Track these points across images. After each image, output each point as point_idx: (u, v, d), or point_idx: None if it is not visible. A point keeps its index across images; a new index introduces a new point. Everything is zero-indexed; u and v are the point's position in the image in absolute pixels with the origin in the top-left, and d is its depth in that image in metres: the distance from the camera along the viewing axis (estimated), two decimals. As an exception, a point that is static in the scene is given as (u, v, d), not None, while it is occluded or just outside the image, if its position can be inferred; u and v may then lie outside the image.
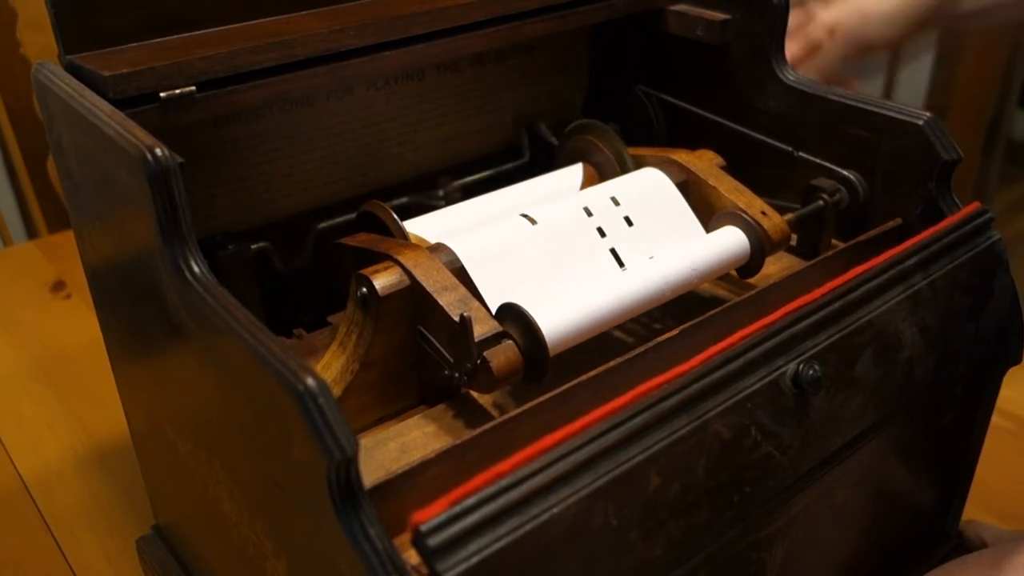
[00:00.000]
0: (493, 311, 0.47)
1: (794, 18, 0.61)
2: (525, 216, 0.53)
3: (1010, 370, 0.57)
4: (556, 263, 0.52)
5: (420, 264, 0.47)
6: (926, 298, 0.50)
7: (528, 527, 0.35)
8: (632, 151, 0.61)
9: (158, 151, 0.38)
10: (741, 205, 0.55)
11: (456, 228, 0.54)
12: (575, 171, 0.62)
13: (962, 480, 0.62)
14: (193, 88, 0.46)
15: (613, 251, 0.53)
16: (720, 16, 0.62)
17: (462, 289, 0.47)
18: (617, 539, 0.38)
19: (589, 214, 0.54)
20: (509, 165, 0.67)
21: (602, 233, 0.54)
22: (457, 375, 0.45)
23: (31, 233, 1.41)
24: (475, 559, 0.33)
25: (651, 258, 0.53)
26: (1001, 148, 2.02)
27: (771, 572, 0.48)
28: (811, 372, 0.44)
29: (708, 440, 0.40)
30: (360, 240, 0.52)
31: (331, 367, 0.47)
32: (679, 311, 0.54)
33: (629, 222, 0.55)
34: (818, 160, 0.60)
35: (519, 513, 0.35)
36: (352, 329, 0.47)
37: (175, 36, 0.50)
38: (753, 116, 0.63)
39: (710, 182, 0.57)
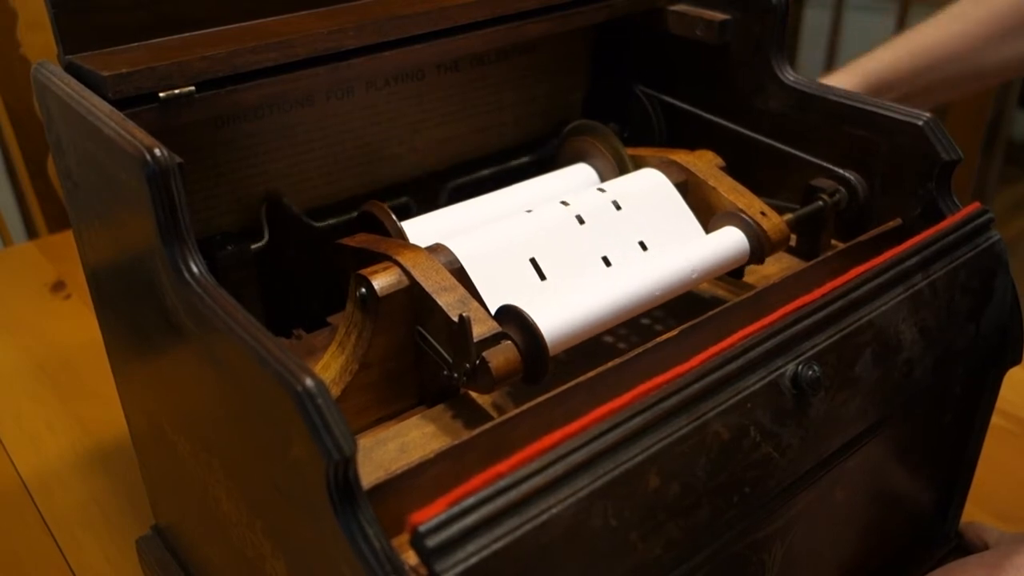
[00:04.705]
0: (492, 311, 0.47)
1: None
2: (524, 217, 0.53)
3: (1010, 370, 0.57)
4: (555, 264, 0.52)
5: (419, 264, 0.47)
6: (926, 298, 0.50)
7: (527, 528, 0.35)
8: (632, 151, 0.61)
9: (157, 151, 0.38)
10: (740, 205, 0.55)
11: (455, 228, 0.54)
12: (575, 171, 0.62)
13: (962, 481, 0.62)
14: (192, 88, 0.46)
15: (612, 250, 0.53)
16: (720, 16, 0.62)
17: (461, 289, 0.47)
18: (616, 540, 0.38)
19: (589, 214, 0.54)
20: (509, 165, 0.67)
21: (601, 233, 0.54)
22: (456, 375, 0.45)
23: (31, 233, 1.41)
24: (474, 559, 0.33)
25: (651, 258, 0.53)
26: (1001, 148, 2.02)
27: (771, 572, 0.48)
28: (810, 373, 0.44)
29: (708, 440, 0.40)
30: (359, 240, 0.52)
31: (330, 367, 0.47)
32: (679, 311, 0.54)
33: (628, 222, 0.55)
34: (818, 160, 0.60)
35: (518, 514, 0.35)
36: (351, 329, 0.47)
37: (175, 36, 0.50)
38: (753, 116, 0.63)
39: (710, 183, 0.57)
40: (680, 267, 0.51)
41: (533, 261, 0.51)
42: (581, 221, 0.54)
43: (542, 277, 0.51)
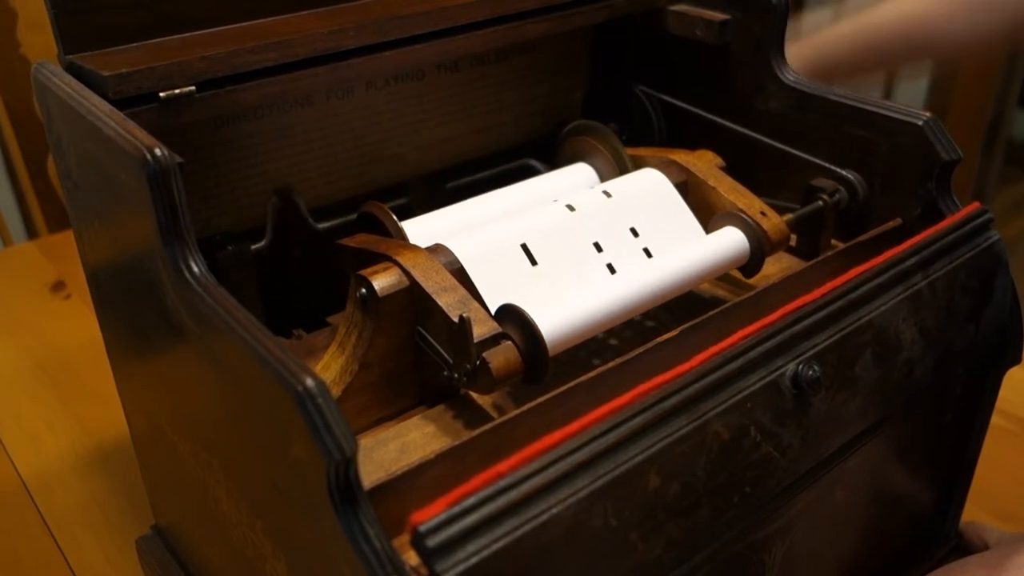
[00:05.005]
0: (493, 312, 0.47)
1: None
2: (525, 217, 0.53)
3: (1010, 370, 0.57)
4: (556, 264, 0.52)
5: (419, 265, 0.47)
6: (926, 298, 0.50)
7: (527, 528, 0.35)
8: (631, 151, 0.61)
9: (158, 151, 0.38)
10: (740, 205, 0.55)
11: (455, 229, 0.54)
12: (575, 171, 0.62)
13: (962, 481, 0.62)
14: (193, 88, 0.46)
15: (612, 251, 0.53)
16: (720, 16, 0.62)
17: (461, 290, 0.47)
18: (616, 540, 0.38)
19: (589, 215, 0.54)
20: (509, 165, 0.67)
21: (601, 233, 0.54)
22: (456, 376, 0.45)
23: (31, 233, 1.41)
24: (474, 559, 0.33)
25: (650, 258, 0.53)
26: (1001, 148, 2.02)
27: (771, 573, 0.48)
28: (810, 372, 0.44)
29: (708, 440, 0.40)
30: (359, 241, 0.52)
31: (330, 368, 0.47)
32: (679, 311, 0.54)
33: (628, 222, 0.55)
34: (818, 160, 0.60)
35: (518, 514, 0.35)
36: (351, 330, 0.47)
37: (175, 36, 0.50)
38: (753, 116, 0.63)
39: (709, 182, 0.57)
40: (680, 267, 0.51)
41: (533, 262, 0.51)
42: (581, 222, 0.54)
43: (542, 278, 0.51)
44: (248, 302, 0.52)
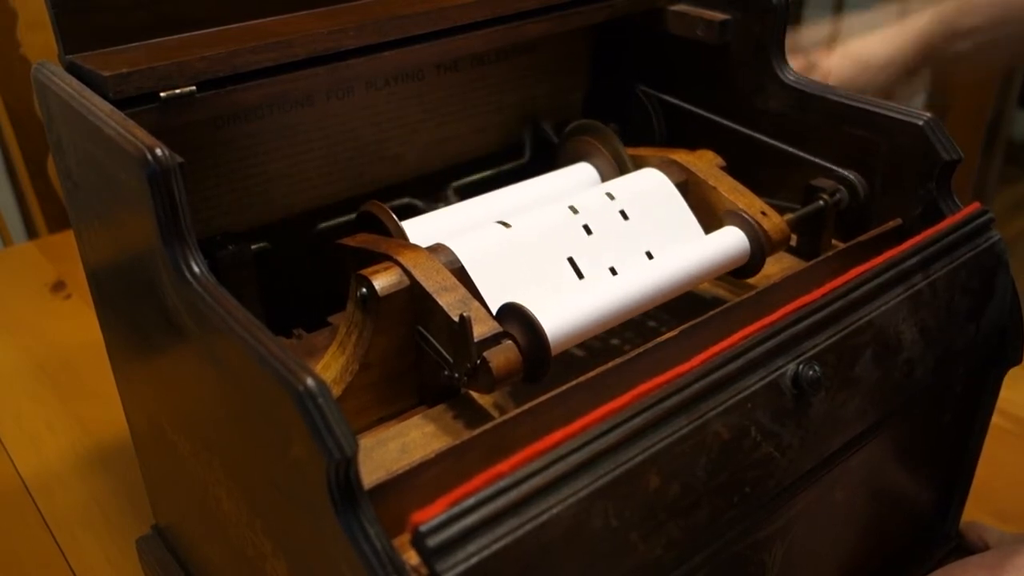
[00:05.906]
0: (493, 312, 0.47)
1: (795, 64, 0.61)
2: (525, 217, 0.53)
3: (1010, 370, 0.57)
4: (556, 263, 0.52)
5: (420, 264, 0.47)
6: (926, 298, 0.50)
7: (527, 528, 0.35)
8: (632, 151, 0.61)
9: (158, 151, 0.38)
10: (741, 205, 0.55)
11: (456, 228, 0.54)
12: (575, 171, 0.62)
13: (962, 481, 0.62)
14: (193, 88, 0.46)
15: (613, 251, 0.53)
16: (720, 16, 0.62)
17: (462, 289, 0.47)
18: (617, 540, 0.38)
19: (589, 213, 0.54)
20: (509, 165, 0.67)
21: (602, 233, 0.54)
22: (457, 375, 0.45)
23: (31, 233, 1.41)
24: (474, 559, 0.33)
25: (651, 258, 0.53)
26: (1001, 148, 2.02)
27: (771, 573, 0.48)
28: (811, 372, 0.44)
29: (708, 440, 0.40)
30: (360, 240, 0.52)
31: (331, 367, 0.47)
32: (679, 311, 0.54)
33: (629, 222, 0.55)
34: (818, 160, 0.60)
35: (518, 514, 0.35)
36: (352, 329, 0.47)
37: (175, 36, 0.50)
38: (753, 116, 0.63)
39: (710, 182, 0.57)
40: (681, 267, 0.51)
41: (534, 262, 0.51)
42: (582, 221, 0.54)
43: (542, 278, 0.51)
44: (248, 302, 0.52)
